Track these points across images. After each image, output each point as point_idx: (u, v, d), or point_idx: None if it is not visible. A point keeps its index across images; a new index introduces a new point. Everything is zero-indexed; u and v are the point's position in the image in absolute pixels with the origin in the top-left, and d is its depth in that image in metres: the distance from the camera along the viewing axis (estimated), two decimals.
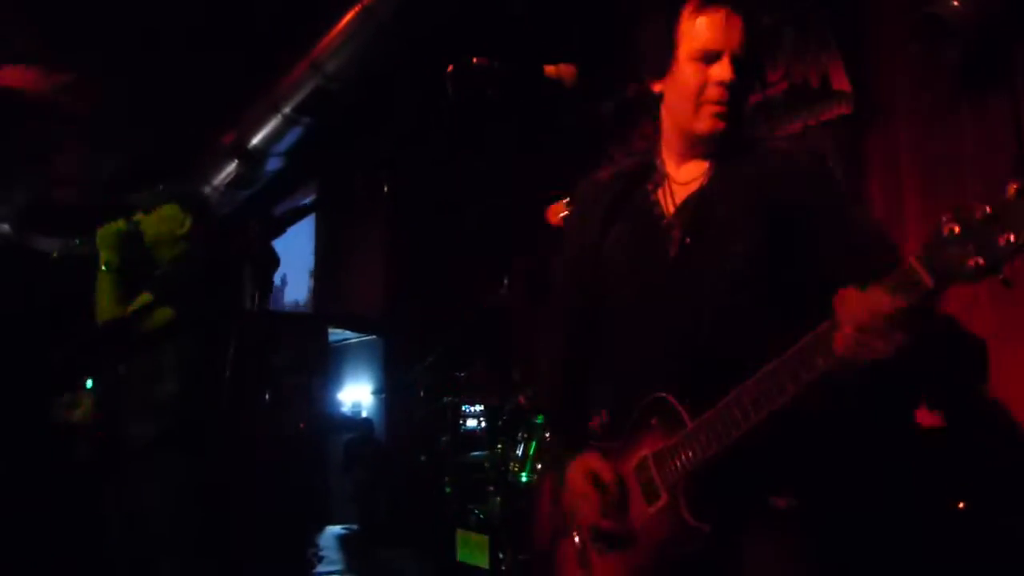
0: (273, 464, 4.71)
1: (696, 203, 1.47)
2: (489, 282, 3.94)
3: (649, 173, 1.54)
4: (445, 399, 4.37)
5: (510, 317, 4.03)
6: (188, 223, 2.56)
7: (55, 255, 2.48)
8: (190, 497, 2.28)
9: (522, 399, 3.59)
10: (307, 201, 6.62)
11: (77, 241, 2.49)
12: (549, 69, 1.57)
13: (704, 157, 1.49)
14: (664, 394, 1.40)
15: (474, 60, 1.48)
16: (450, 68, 1.49)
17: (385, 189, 6.27)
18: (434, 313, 5.40)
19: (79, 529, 3.12)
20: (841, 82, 3.33)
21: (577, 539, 1.53)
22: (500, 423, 3.98)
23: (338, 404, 6.98)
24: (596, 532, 1.47)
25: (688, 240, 1.44)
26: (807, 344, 1.24)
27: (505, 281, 3.79)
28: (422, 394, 4.45)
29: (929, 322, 1.17)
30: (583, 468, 1.52)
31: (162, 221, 2.55)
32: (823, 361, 1.22)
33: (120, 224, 2.50)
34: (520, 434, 3.52)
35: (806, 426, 1.37)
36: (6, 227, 7.44)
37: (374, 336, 6.81)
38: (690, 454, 1.36)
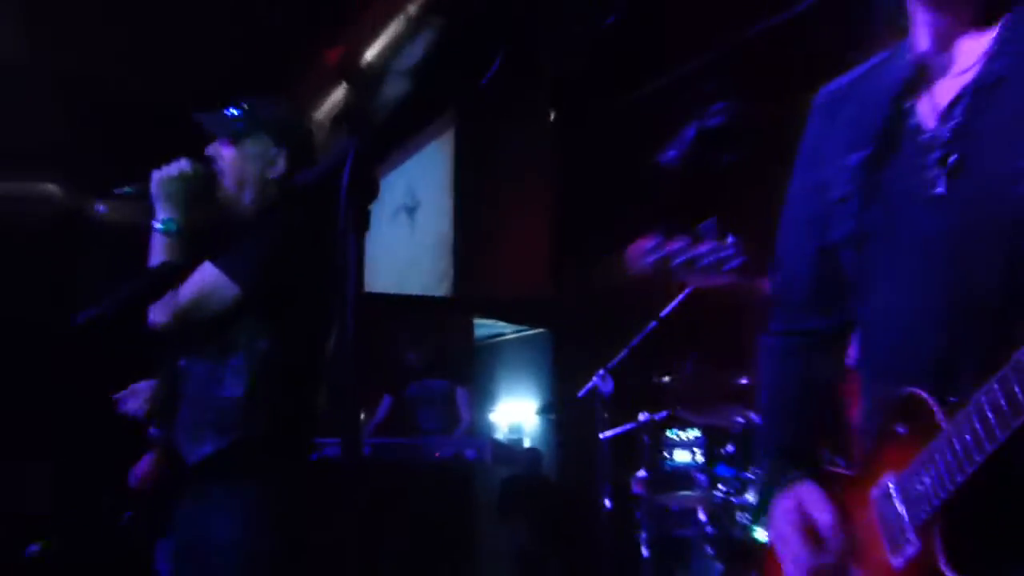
0: (401, 506, 4.84)
1: (969, 102, 1.42)
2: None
3: (905, 70, 1.51)
4: (641, 418, 4.34)
5: (735, 297, 3.94)
6: (282, 162, 2.61)
7: (101, 212, 2.61)
8: (263, 539, 2.35)
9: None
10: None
11: (127, 189, 2.60)
12: None
13: (981, 28, 1.43)
14: (916, 390, 1.38)
15: None
16: None
17: (550, 117, 6.27)
18: (620, 294, 5.37)
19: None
20: None
21: None
22: (722, 452, 3.92)
23: (491, 427, 7.09)
24: None
25: (957, 160, 1.40)
26: None
27: (729, 241, 3.68)
28: (607, 414, 4.45)
29: None
30: (793, 503, 1.58)
31: (246, 159, 2.61)
32: None
33: (185, 166, 2.59)
34: (753, 468, 3.45)
35: None
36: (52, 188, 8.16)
37: (538, 329, 6.85)
38: (942, 475, 1.32)
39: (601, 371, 4.60)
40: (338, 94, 6.58)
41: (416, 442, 5.28)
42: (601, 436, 4.42)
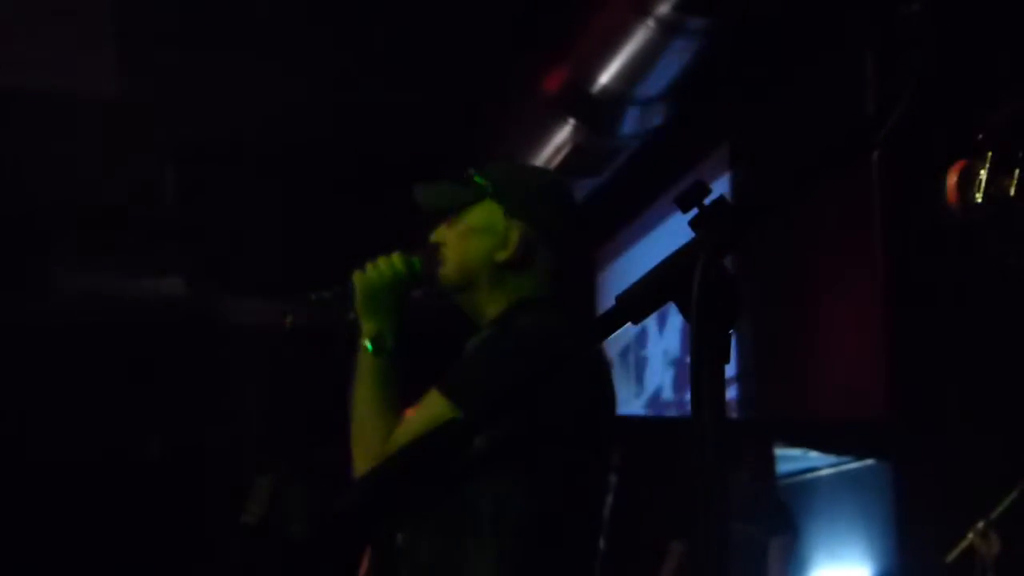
0: None
1: None
2: None
3: None
4: None
5: None
6: (515, 238, 2.69)
7: (288, 321, 2.76)
8: None
9: None
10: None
11: (325, 294, 2.73)
12: None
13: None
14: None
15: None
16: None
17: (873, 169, 6.19)
18: (995, 406, 5.23)
19: None
20: None
21: None
22: None
23: None
24: None
25: None
26: None
27: None
28: None
29: None
30: None
31: (469, 235, 2.73)
32: None
33: (396, 262, 2.70)
34: None
35: None
36: (180, 284, 8.77)
37: (867, 461, 6.72)
38: None
39: (980, 524, 4.48)
40: (562, 134, 6.71)
41: None
42: None
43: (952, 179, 2.58)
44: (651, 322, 8.04)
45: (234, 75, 7.22)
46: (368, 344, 2.64)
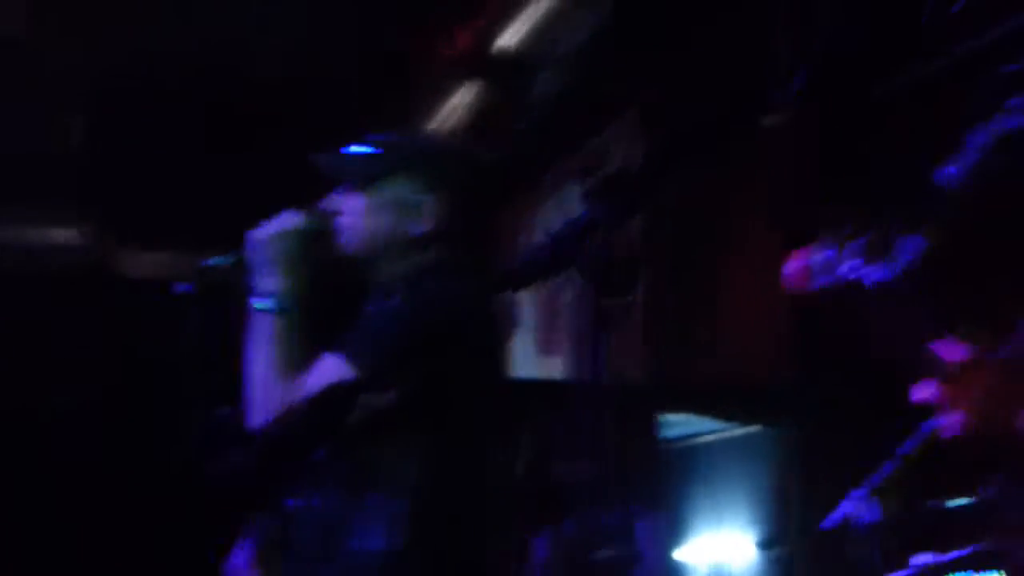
0: None
1: None
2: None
3: None
4: (923, 561, 4.29)
5: None
6: (429, 213, 2.72)
7: (197, 285, 2.75)
8: None
9: None
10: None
11: (220, 260, 2.74)
12: None
13: None
14: None
15: None
16: None
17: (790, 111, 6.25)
18: (885, 369, 5.33)
19: None
20: None
21: None
22: None
23: (685, 571, 7.05)
24: None
25: None
26: None
27: None
28: (870, 553, 4.43)
29: None
30: None
31: (380, 210, 2.73)
32: None
33: (295, 221, 2.71)
34: None
35: None
36: (75, 236, 8.66)
37: (756, 427, 6.80)
38: None
39: (860, 490, 4.56)
40: (465, 95, 6.71)
41: None
42: None
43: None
44: None
45: (147, 18, 7.13)
46: (264, 304, 2.64)
